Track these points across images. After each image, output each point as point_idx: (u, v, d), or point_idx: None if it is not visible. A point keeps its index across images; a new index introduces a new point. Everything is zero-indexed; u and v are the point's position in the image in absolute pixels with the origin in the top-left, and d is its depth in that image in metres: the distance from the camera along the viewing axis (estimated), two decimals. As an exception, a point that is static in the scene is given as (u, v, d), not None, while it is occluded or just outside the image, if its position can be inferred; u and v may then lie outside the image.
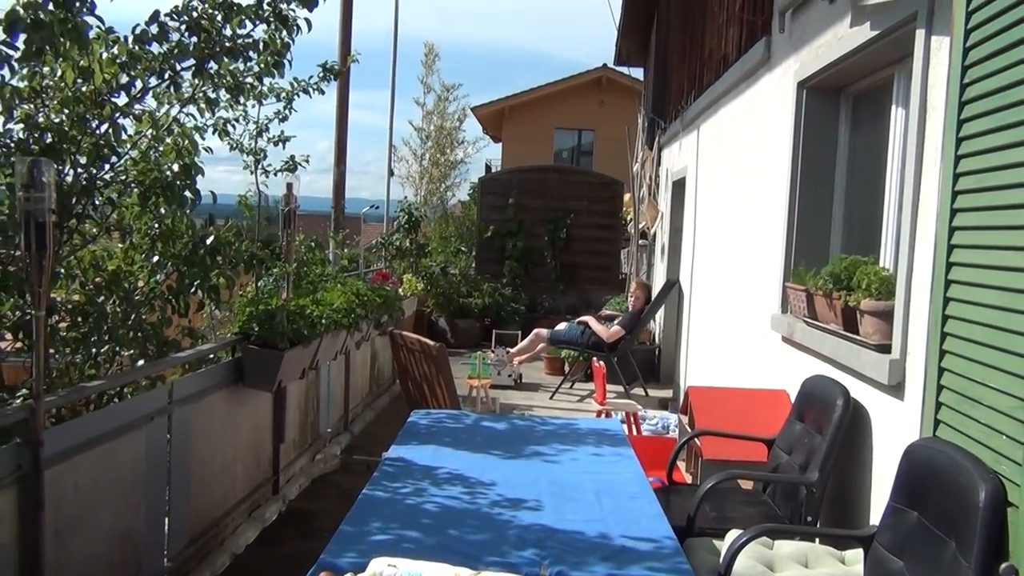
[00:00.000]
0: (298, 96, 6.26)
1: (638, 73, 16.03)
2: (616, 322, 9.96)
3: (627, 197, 14.49)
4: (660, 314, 10.68)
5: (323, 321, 5.69)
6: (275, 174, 6.49)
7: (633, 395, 9.10)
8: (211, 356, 5.03)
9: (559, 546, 2.81)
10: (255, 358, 4.99)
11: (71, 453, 3.41)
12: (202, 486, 4.63)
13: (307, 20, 4.71)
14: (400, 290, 8.93)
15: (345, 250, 9.81)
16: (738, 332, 6.42)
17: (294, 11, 4.60)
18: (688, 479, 5.41)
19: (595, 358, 7.95)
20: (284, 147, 6.55)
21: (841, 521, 4.00)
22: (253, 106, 5.83)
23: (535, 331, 10.31)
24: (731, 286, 6.80)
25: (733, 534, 3.30)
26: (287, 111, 6.37)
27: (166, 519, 4.22)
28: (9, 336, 4.15)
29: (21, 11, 3.32)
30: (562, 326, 10.29)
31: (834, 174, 5.05)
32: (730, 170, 7.13)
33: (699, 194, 8.59)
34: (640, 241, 12.20)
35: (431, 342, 5.94)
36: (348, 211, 12.38)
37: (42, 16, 3.34)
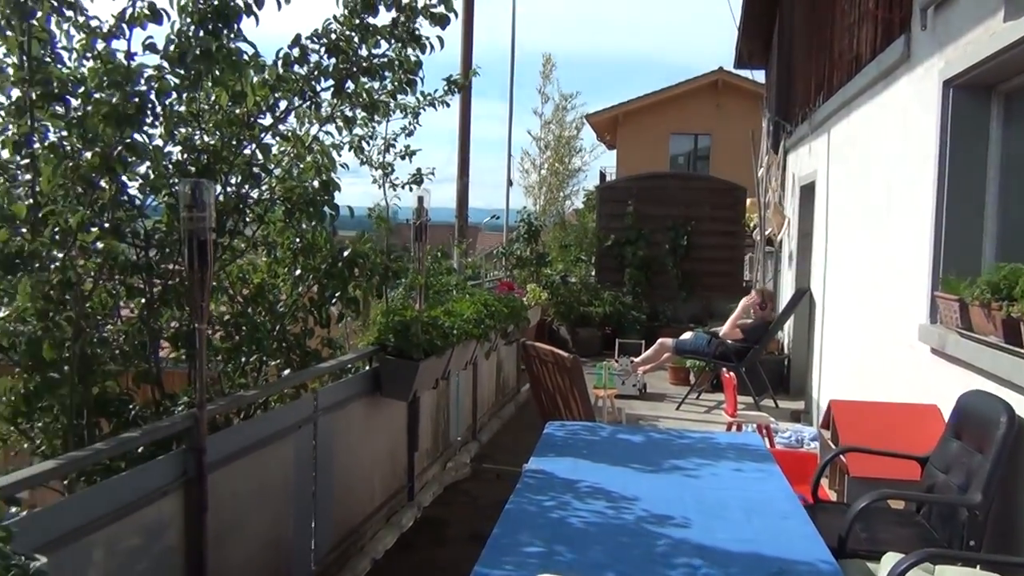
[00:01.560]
0: (424, 110, 6.41)
1: (759, 76, 15.63)
2: (739, 327, 9.73)
3: (750, 202, 14.13)
4: (789, 323, 10.35)
5: (455, 331, 5.77)
6: (403, 187, 6.67)
7: (763, 407, 8.85)
8: (349, 366, 5.19)
9: (711, 567, 2.74)
10: (392, 368, 5.11)
11: (229, 460, 3.57)
12: (344, 492, 4.76)
13: (439, 38, 4.80)
14: (524, 300, 8.98)
15: (468, 259, 9.94)
16: (878, 343, 6.14)
17: (418, 29, 4.70)
18: (832, 496, 5.20)
19: (724, 369, 7.76)
20: (411, 160, 6.74)
21: (1006, 547, 3.76)
22: (380, 122, 6.01)
23: (660, 340, 10.17)
24: (869, 295, 6.51)
25: (891, 557, 3.15)
26: (413, 125, 6.55)
27: (312, 525, 4.37)
28: (166, 345, 4.40)
29: (192, 41, 3.51)
30: (687, 335, 10.12)
31: (985, 177, 4.76)
32: (865, 173, 6.84)
33: (830, 199, 8.28)
34: (766, 248, 11.87)
35: (565, 353, 5.93)
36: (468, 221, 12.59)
37: (211, 47, 3.52)
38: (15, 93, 3.68)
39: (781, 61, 11.95)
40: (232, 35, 3.88)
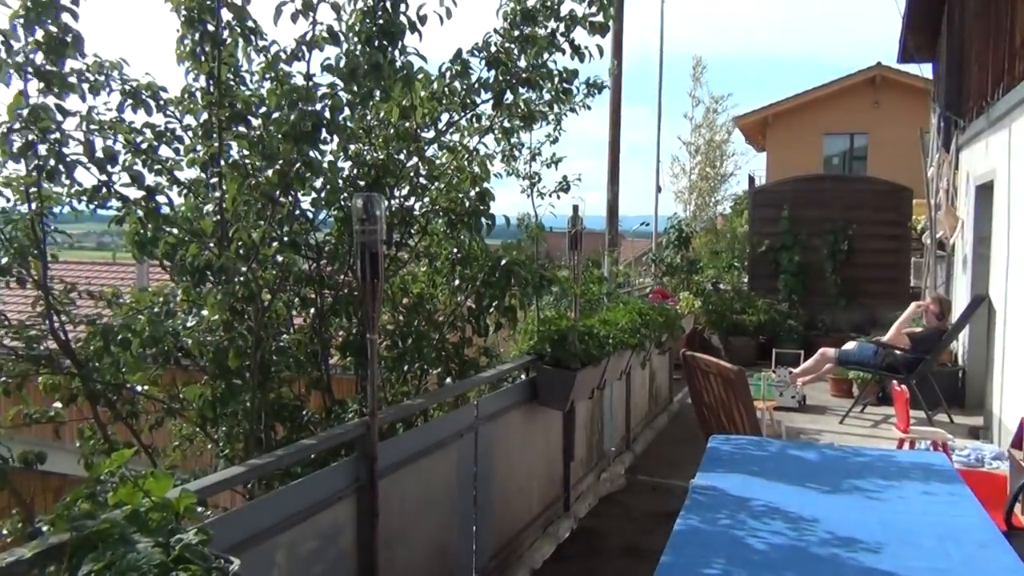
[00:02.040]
0: (566, 115, 6.37)
1: (925, 70, 14.72)
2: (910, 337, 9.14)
3: (917, 204, 13.32)
4: (964, 332, 9.65)
5: (611, 341, 5.70)
6: (549, 195, 6.66)
7: (937, 422, 8.28)
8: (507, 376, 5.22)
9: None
10: (549, 378, 5.10)
11: (397, 467, 3.64)
12: (503, 500, 4.78)
13: (598, 47, 4.76)
14: (677, 308, 8.80)
15: (620, 268, 9.84)
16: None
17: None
18: (1026, 523, 4.78)
19: (895, 382, 7.31)
20: (556, 168, 6.72)
21: None
22: (532, 131, 6.02)
23: (821, 350, 9.70)
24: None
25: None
26: (557, 132, 6.52)
27: (474, 532, 4.40)
28: (335, 353, 4.55)
29: (360, 58, 3.62)
30: (851, 345, 9.60)
31: None
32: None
33: (1012, 199, 7.66)
34: (938, 252, 11.13)
35: (728, 365, 5.75)
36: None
37: (380, 61, 3.62)
38: (204, 116, 3.91)
39: (952, 53, 11.20)
40: (397, 52, 3.99)
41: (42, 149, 3.28)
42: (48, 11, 3.15)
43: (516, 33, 4.49)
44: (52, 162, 3.32)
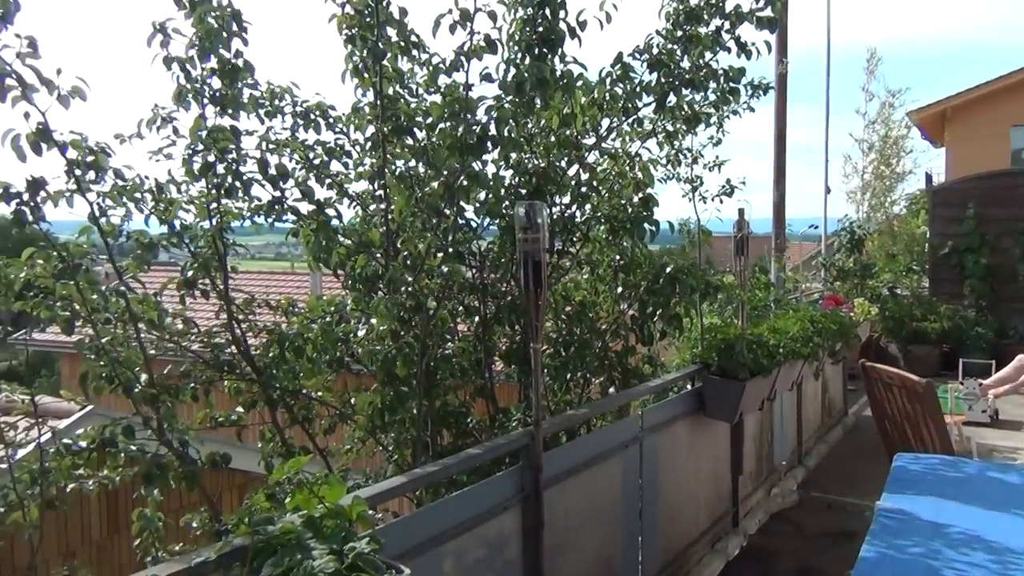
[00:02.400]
0: (728, 118, 6.15)
1: None
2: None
3: None
4: None
5: (781, 350, 5.44)
6: (712, 199, 6.44)
7: None
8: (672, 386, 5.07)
9: None
10: (717, 388, 4.91)
11: (561, 477, 3.59)
12: (669, 515, 4.64)
13: (766, 43, 4.55)
14: (851, 315, 8.30)
15: (788, 273, 9.42)
16: None
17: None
18: None
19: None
20: (719, 171, 6.51)
21: None
22: (696, 134, 5.84)
23: (1019, 357, 8.88)
24: None
25: None
26: (720, 134, 6.30)
27: (639, 545, 4.29)
28: (499, 360, 4.57)
29: (525, 70, 3.63)
30: (1053, 354, 8.73)
31: None
32: None
33: None
34: None
35: (915, 377, 5.34)
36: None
37: (546, 75, 3.60)
38: (370, 129, 4.03)
39: None
40: (557, 59, 3.96)
41: (220, 168, 3.47)
42: (219, 38, 3.34)
43: (679, 33, 4.36)
44: (230, 179, 3.51)
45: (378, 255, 3.97)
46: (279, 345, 3.70)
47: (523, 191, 4.10)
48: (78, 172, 2.89)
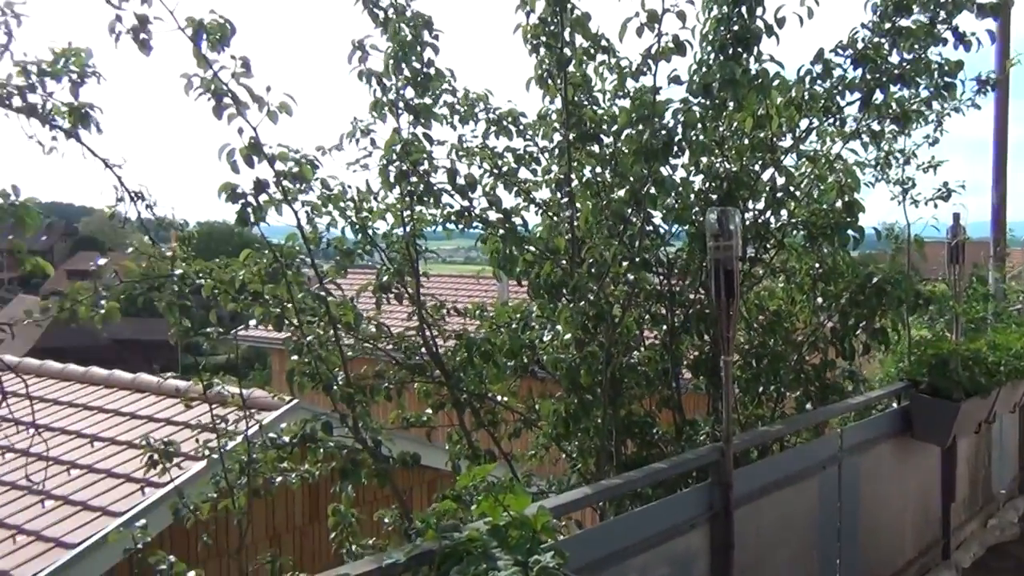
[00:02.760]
0: (949, 115, 5.69)
1: None
2: None
3: None
4: None
5: (1002, 368, 4.94)
6: (925, 203, 5.99)
7: None
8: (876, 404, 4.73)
9: None
10: (927, 408, 4.54)
11: (753, 497, 3.44)
12: (869, 540, 4.34)
13: (989, 32, 4.17)
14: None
15: (1010, 283, 8.58)
16: None
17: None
18: None
19: None
20: (935, 172, 6.06)
21: None
22: (907, 134, 5.45)
23: None
24: None
25: None
26: (937, 133, 5.86)
27: (836, 570, 4.03)
28: (686, 371, 4.44)
29: (715, 70, 3.51)
30: None
31: None
32: None
33: None
34: None
35: None
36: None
37: (735, 75, 3.47)
38: (556, 137, 4.03)
39: None
40: (752, 58, 3.80)
41: (413, 177, 3.59)
42: (412, 49, 3.45)
43: (886, 25, 4.06)
44: (422, 188, 3.63)
45: (563, 262, 3.96)
46: (467, 349, 3.78)
47: (713, 196, 3.96)
48: (286, 183, 3.07)
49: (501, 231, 3.94)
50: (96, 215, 53.84)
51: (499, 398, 4.20)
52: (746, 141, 4.04)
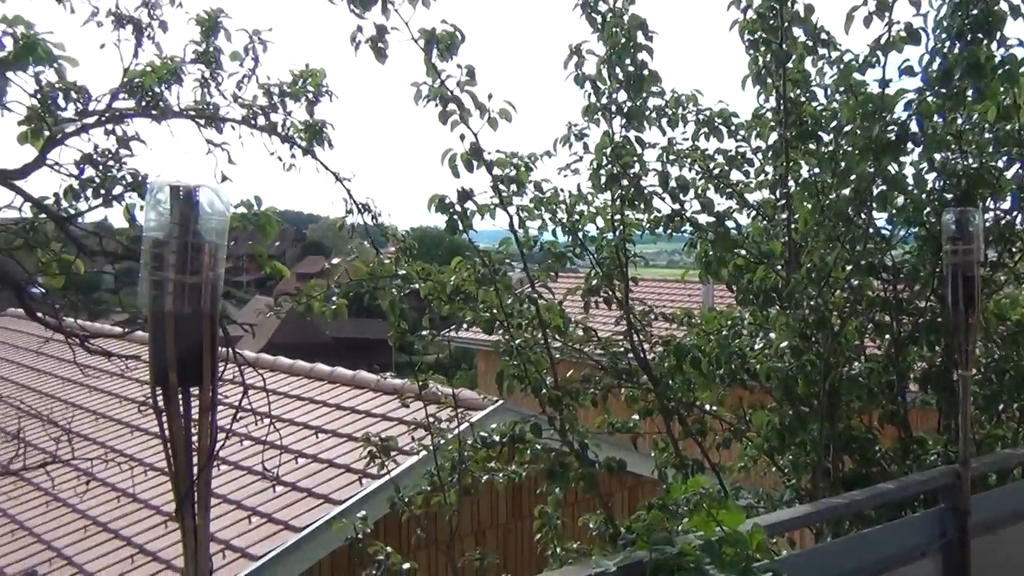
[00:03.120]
0: None
1: None
2: None
3: None
4: None
5: None
6: None
7: None
8: None
9: None
10: None
11: (996, 525, 3.12)
12: None
13: None
14: None
15: None
16: None
17: None
18: None
19: None
20: None
21: None
22: None
23: None
24: None
25: None
26: None
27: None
28: (913, 385, 4.10)
29: (954, 57, 3.23)
30: None
31: None
32: None
33: None
34: None
35: None
36: None
37: (979, 59, 3.18)
38: (773, 136, 3.86)
39: None
40: (994, 44, 3.45)
41: (624, 180, 3.56)
42: (626, 51, 3.42)
43: None
44: (632, 191, 3.60)
45: (778, 267, 3.79)
46: (676, 356, 3.70)
47: (948, 196, 3.64)
48: (502, 187, 3.15)
49: (711, 235, 3.83)
50: (322, 222, 58.11)
51: (708, 407, 4.08)
52: (988, 135, 3.68)
